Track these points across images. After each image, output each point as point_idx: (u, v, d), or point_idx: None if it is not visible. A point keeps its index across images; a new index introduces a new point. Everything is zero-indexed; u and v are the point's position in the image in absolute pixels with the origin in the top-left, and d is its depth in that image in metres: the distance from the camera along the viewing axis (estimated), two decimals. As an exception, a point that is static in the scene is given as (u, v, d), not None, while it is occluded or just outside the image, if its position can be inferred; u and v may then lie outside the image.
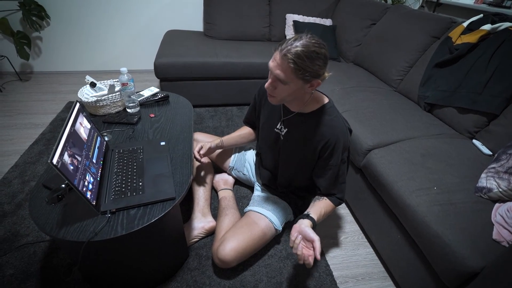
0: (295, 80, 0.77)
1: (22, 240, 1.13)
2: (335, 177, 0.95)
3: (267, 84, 0.82)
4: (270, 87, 0.82)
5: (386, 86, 1.79)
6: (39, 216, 0.77)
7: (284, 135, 1.01)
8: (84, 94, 1.25)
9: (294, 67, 0.73)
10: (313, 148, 0.93)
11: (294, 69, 0.73)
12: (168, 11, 2.55)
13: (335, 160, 0.91)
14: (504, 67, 1.25)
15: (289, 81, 0.76)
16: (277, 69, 0.76)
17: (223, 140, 1.21)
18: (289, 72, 0.74)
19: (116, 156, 0.99)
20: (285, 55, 0.73)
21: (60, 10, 2.36)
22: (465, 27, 1.47)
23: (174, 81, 2.02)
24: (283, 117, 0.99)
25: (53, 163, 0.65)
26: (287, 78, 0.76)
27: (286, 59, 0.73)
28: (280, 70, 0.75)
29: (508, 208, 0.83)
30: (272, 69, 0.77)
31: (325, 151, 0.91)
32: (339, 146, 0.89)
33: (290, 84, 0.78)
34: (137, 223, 0.76)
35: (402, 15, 1.87)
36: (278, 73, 0.76)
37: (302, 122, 0.94)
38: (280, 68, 0.75)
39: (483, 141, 1.24)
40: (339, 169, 0.94)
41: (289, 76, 0.75)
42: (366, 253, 1.22)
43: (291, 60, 0.72)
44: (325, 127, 0.90)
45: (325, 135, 0.89)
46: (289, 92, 0.81)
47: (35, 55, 2.52)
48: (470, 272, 0.77)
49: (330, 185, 0.97)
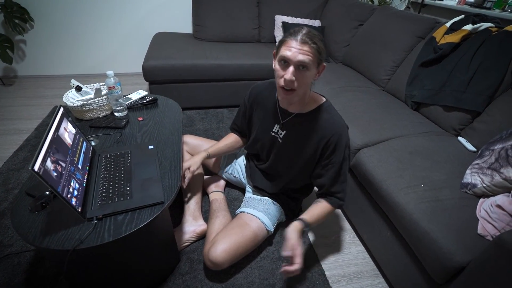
0: (315, 63, 0.78)
1: (5, 250, 1.09)
2: (336, 175, 0.95)
3: (289, 74, 0.77)
4: (293, 78, 0.78)
5: (375, 86, 1.82)
6: (21, 225, 0.74)
7: (283, 137, 1.00)
8: (70, 99, 1.23)
9: (315, 47, 0.76)
10: (314, 147, 0.94)
11: (315, 49, 0.76)
12: (156, 13, 2.52)
13: (337, 157, 0.92)
14: (485, 66, 1.29)
15: (312, 63, 0.77)
16: (299, 54, 0.75)
17: (210, 153, 1.17)
18: (312, 53, 0.76)
19: (103, 161, 0.97)
20: (303, 39, 0.75)
21: (44, 12, 2.30)
22: (448, 27, 1.51)
23: (163, 84, 2.00)
24: (282, 120, 0.99)
25: (34, 170, 0.63)
26: (311, 60, 0.77)
27: (306, 41, 0.75)
28: (303, 53, 0.75)
29: (492, 203, 0.85)
30: (292, 56, 0.76)
31: (327, 149, 0.92)
32: (341, 143, 0.90)
33: (310, 70, 0.78)
34: (124, 229, 0.74)
35: (388, 16, 1.91)
36: (301, 58, 0.75)
37: (301, 123, 0.94)
38: (302, 51, 0.75)
39: (467, 138, 1.27)
40: (341, 167, 0.94)
41: (312, 58, 0.77)
42: (358, 251, 1.23)
43: (311, 41, 0.75)
44: (326, 125, 0.90)
45: (326, 133, 0.90)
46: (308, 79, 0.80)
47: (18, 58, 2.46)
48: (457, 267, 0.78)
49: (332, 183, 0.96)
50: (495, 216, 0.82)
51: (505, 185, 0.87)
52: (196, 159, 1.13)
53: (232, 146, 1.22)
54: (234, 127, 1.23)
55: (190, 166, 1.10)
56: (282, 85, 0.81)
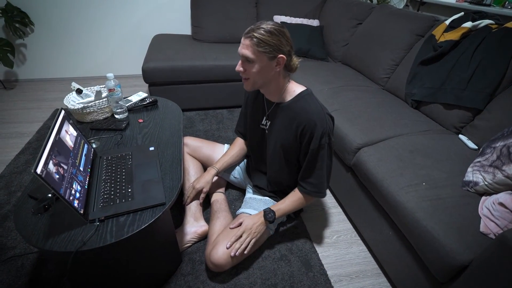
0: (260, 56, 0.83)
1: (9, 252, 1.10)
2: (311, 163, 0.97)
3: (237, 66, 0.88)
4: (241, 69, 0.88)
5: (374, 85, 1.82)
6: (24, 227, 0.75)
7: (268, 128, 1.03)
8: (70, 101, 1.23)
9: (256, 41, 0.81)
10: (293, 135, 0.96)
11: (256, 43, 0.81)
12: (155, 15, 2.53)
13: (313, 144, 0.93)
14: (485, 63, 1.28)
15: (255, 57, 0.83)
16: (242, 48, 0.84)
17: (219, 169, 1.20)
18: (253, 48, 0.82)
19: (104, 163, 0.97)
20: (246, 34, 0.83)
21: (44, 16, 2.32)
22: (447, 25, 1.51)
23: (163, 86, 2.00)
24: (267, 110, 1.01)
25: (37, 173, 0.64)
26: (252, 53, 0.83)
27: (247, 36, 0.83)
28: (245, 49, 0.84)
29: (494, 201, 0.85)
30: (239, 52, 0.86)
31: (304, 136, 0.93)
32: (316, 130, 0.91)
33: (256, 62, 0.84)
34: (126, 230, 0.75)
35: (387, 14, 1.91)
36: (243, 52, 0.84)
37: (281, 112, 0.97)
38: (244, 47, 0.84)
39: (468, 135, 1.27)
40: (316, 154, 0.94)
41: (254, 52, 0.83)
42: (359, 251, 1.23)
43: (253, 36, 0.82)
44: (301, 113, 0.92)
45: (302, 120, 0.92)
46: (258, 70, 0.86)
47: (19, 62, 2.47)
48: (459, 265, 0.78)
49: (306, 170, 0.98)
50: (497, 214, 0.82)
51: (507, 183, 0.86)
52: (208, 179, 1.17)
53: (238, 155, 1.25)
54: (239, 129, 1.26)
55: (203, 187, 1.15)
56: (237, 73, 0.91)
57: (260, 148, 1.11)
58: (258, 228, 1.01)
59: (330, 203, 1.46)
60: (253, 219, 1.02)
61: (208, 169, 1.20)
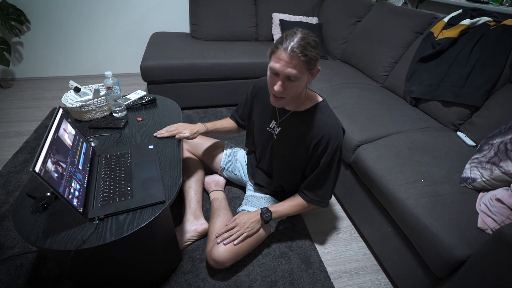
0: (305, 73, 0.78)
1: (8, 252, 1.10)
2: (322, 175, 0.96)
3: (278, 87, 0.78)
4: (281, 90, 0.79)
5: (373, 82, 1.82)
6: (23, 226, 0.75)
7: (278, 134, 1.01)
8: (68, 100, 1.22)
9: (305, 59, 0.74)
10: (306, 146, 0.94)
11: (305, 62, 0.75)
12: (153, 13, 2.51)
13: (325, 158, 0.92)
14: (484, 60, 1.29)
15: (301, 75, 0.77)
16: (287, 68, 0.75)
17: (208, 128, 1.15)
18: (301, 66, 0.75)
19: (103, 162, 0.97)
20: (293, 51, 0.73)
21: (40, 14, 2.29)
22: (445, 22, 1.51)
23: (162, 84, 2.00)
24: (279, 117, 0.99)
25: (35, 171, 0.64)
26: (300, 72, 0.76)
27: (295, 54, 0.73)
28: (292, 67, 0.75)
29: (491, 197, 0.86)
30: (280, 70, 0.76)
31: (318, 149, 0.92)
32: (331, 144, 0.90)
33: (300, 80, 0.78)
34: (126, 228, 0.75)
35: (386, 12, 1.91)
36: (289, 71, 0.75)
37: (296, 121, 0.95)
38: (291, 66, 0.75)
39: (467, 133, 1.27)
40: (327, 169, 0.94)
41: (301, 70, 0.76)
42: (359, 247, 1.24)
43: (301, 54, 0.73)
44: (319, 125, 0.90)
45: (318, 132, 0.90)
46: (299, 88, 0.81)
47: (16, 61, 2.45)
48: (457, 260, 0.79)
49: (313, 181, 0.98)
50: (494, 209, 0.83)
51: (504, 179, 0.87)
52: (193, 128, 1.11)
53: (228, 129, 1.23)
54: (234, 115, 1.24)
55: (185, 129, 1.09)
56: (273, 93, 0.82)
57: (265, 149, 1.10)
58: (252, 225, 1.00)
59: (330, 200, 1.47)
60: (248, 215, 1.03)
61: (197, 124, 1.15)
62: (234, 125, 1.24)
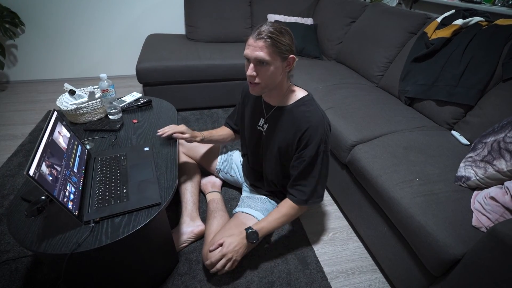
0: (275, 57, 0.80)
1: (3, 256, 1.09)
2: (305, 170, 0.94)
3: (249, 70, 0.82)
4: (253, 74, 0.82)
5: (368, 82, 1.83)
6: (18, 230, 0.74)
7: (265, 131, 1.02)
8: (63, 102, 1.22)
9: (271, 42, 0.78)
10: (291, 140, 0.95)
11: (271, 44, 0.78)
12: (149, 14, 2.51)
13: (310, 151, 0.92)
14: (476, 60, 1.30)
15: (270, 58, 0.79)
16: (255, 51, 0.79)
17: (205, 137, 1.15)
18: (268, 48, 0.78)
19: (98, 164, 0.96)
20: (259, 34, 0.78)
21: (35, 16, 2.28)
22: (439, 23, 1.53)
23: (157, 86, 1.99)
24: (266, 113, 1.00)
25: (29, 175, 0.63)
26: (268, 55, 0.79)
27: (261, 37, 0.78)
28: (259, 50, 0.79)
29: (485, 195, 0.87)
30: (250, 54, 0.80)
31: (301, 142, 0.92)
32: (315, 137, 0.90)
33: (271, 64, 0.81)
34: (122, 231, 0.74)
35: (380, 12, 1.92)
36: (257, 54, 0.79)
37: (281, 116, 0.96)
38: (258, 49, 0.79)
39: (461, 131, 1.28)
40: (312, 162, 0.93)
41: (269, 53, 0.79)
42: (355, 247, 1.24)
43: (266, 36, 0.78)
44: (302, 118, 0.91)
45: (303, 126, 0.91)
46: (271, 73, 0.83)
47: (10, 63, 2.43)
48: (452, 259, 0.79)
49: (299, 177, 0.96)
50: (489, 208, 0.83)
51: (498, 177, 0.88)
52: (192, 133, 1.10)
53: (224, 138, 1.23)
54: (228, 122, 1.25)
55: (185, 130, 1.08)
56: (248, 79, 0.86)
57: (257, 149, 1.11)
58: (238, 252, 0.94)
59: (326, 200, 1.47)
60: (234, 241, 0.94)
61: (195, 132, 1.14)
62: (229, 132, 1.24)
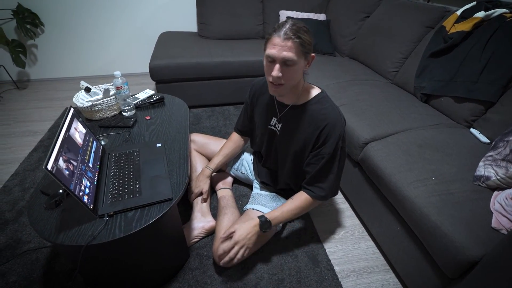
0: (301, 56, 0.79)
1: (24, 247, 1.14)
2: (324, 167, 0.93)
3: (275, 72, 0.79)
4: (279, 75, 0.80)
5: (382, 79, 1.79)
6: (37, 222, 0.77)
7: (280, 130, 1.01)
8: (80, 100, 1.25)
9: (299, 41, 0.76)
10: (308, 138, 0.94)
11: (299, 44, 0.77)
12: (161, 13, 2.54)
13: (328, 148, 0.91)
14: (499, 54, 1.24)
15: (297, 58, 0.78)
16: (283, 51, 0.77)
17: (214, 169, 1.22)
18: (296, 48, 0.77)
19: (112, 160, 0.99)
20: (286, 34, 0.76)
21: (53, 17, 2.36)
22: (458, 16, 1.46)
23: (170, 83, 2.02)
24: (279, 113, 0.99)
25: (47, 169, 0.66)
26: (295, 55, 0.77)
27: (289, 37, 0.76)
28: (288, 50, 0.77)
29: (507, 196, 0.83)
30: (276, 54, 0.78)
31: (319, 140, 0.91)
32: (333, 134, 0.89)
33: (297, 64, 0.80)
34: (135, 225, 0.76)
35: (395, 6, 1.86)
36: (285, 54, 0.77)
37: (296, 115, 0.94)
38: (286, 49, 0.76)
39: (480, 129, 1.23)
40: (331, 159, 0.92)
41: (297, 53, 0.78)
42: (367, 246, 1.22)
43: (294, 36, 0.76)
44: (319, 116, 0.90)
45: (319, 124, 0.90)
46: (296, 73, 0.82)
47: (31, 62, 2.53)
48: (470, 261, 0.76)
49: (317, 174, 0.94)
50: (510, 209, 0.80)
51: (520, 177, 0.84)
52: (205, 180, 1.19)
53: (233, 154, 1.27)
54: (237, 127, 1.25)
55: (202, 188, 1.17)
56: (271, 81, 0.83)
57: (269, 148, 1.10)
58: (251, 240, 0.94)
59: (338, 198, 1.45)
60: (246, 230, 0.94)
61: (202, 170, 1.22)
62: (237, 142, 1.26)
